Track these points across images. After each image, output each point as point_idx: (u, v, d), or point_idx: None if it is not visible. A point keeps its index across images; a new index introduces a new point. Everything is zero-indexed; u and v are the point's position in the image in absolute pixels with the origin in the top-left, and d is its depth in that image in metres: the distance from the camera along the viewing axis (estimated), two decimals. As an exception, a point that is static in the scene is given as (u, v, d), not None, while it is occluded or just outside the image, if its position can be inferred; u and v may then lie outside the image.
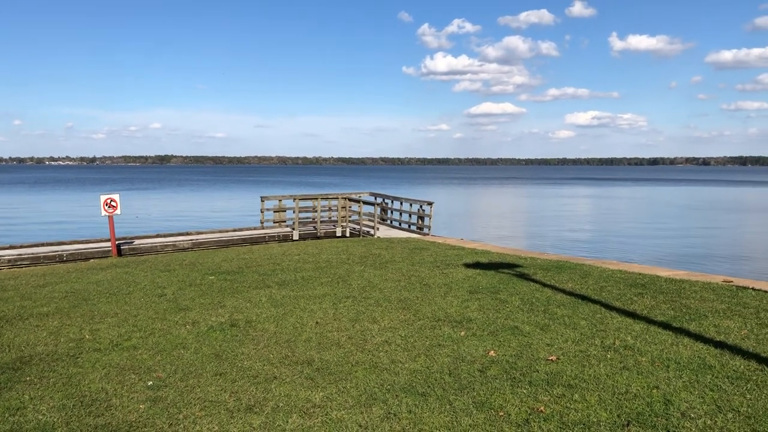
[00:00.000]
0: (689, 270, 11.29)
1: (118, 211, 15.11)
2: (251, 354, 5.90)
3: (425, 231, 19.16)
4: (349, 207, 20.96)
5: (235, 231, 19.10)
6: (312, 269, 10.87)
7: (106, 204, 14.95)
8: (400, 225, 21.17)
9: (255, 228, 19.96)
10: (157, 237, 17.68)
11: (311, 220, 20.97)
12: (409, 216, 20.43)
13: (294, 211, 19.35)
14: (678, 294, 8.09)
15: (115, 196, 15.19)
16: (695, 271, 10.94)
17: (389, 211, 22.22)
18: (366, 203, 20.90)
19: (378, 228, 18.97)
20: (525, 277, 9.54)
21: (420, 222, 19.77)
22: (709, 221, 35.22)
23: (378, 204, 21.41)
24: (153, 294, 8.88)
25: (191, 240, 17.07)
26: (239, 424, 4.33)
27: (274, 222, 20.43)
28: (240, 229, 19.39)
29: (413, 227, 20.01)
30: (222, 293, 8.82)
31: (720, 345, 5.77)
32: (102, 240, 16.43)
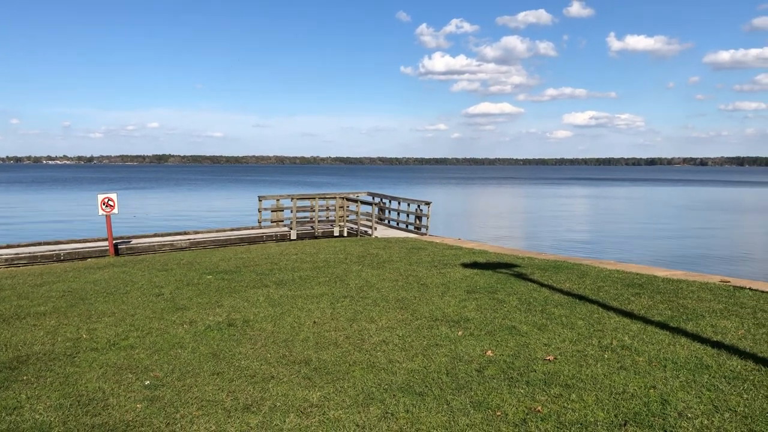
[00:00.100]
0: (686, 270, 11.30)
1: (115, 211, 15.09)
2: (249, 353, 5.90)
3: (423, 231, 19.17)
4: (347, 207, 20.95)
5: (233, 230, 19.08)
6: (309, 269, 10.87)
7: (103, 203, 14.93)
8: (397, 225, 21.18)
9: (253, 227, 19.96)
10: (155, 236, 17.66)
11: (309, 219, 20.95)
12: (407, 216, 20.45)
13: (292, 211, 19.35)
14: (675, 294, 8.11)
15: (113, 195, 15.17)
16: (692, 271, 10.95)
17: (387, 211, 22.22)
18: (364, 203, 20.89)
19: (376, 228, 18.97)
20: (522, 277, 9.55)
21: (418, 222, 19.78)
22: (707, 221, 35.28)
23: (376, 204, 21.44)
24: (150, 293, 8.87)
25: (189, 239, 17.05)
26: (236, 423, 4.33)
27: (271, 221, 20.42)
28: (237, 229, 19.38)
29: (411, 227, 20.01)
30: (219, 293, 8.81)
31: (717, 345, 5.79)
32: (99, 239, 16.40)
